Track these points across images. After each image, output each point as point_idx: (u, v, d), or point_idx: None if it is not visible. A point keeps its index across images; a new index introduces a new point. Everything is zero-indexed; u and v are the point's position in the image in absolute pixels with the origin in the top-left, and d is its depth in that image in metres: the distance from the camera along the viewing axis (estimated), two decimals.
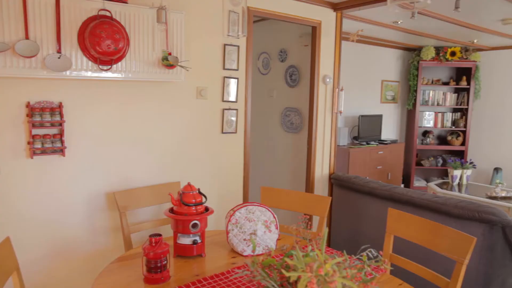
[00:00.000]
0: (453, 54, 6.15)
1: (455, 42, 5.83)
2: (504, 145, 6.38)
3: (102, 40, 2.16)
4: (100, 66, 2.27)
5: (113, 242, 2.58)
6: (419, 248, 2.48)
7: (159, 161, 2.73)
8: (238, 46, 3.02)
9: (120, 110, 2.51)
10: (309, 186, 3.74)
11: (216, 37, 2.90)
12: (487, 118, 6.57)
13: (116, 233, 2.58)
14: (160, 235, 1.70)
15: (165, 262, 1.68)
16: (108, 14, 2.26)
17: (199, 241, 1.93)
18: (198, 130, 2.91)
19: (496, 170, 6.19)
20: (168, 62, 2.50)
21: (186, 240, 1.92)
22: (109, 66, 2.29)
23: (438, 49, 6.20)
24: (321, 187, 3.81)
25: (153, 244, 1.65)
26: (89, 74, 2.26)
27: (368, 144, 5.54)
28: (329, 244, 3.88)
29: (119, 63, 2.35)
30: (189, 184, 2.00)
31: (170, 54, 2.54)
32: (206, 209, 2.01)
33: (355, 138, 5.70)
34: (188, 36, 2.74)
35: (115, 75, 2.36)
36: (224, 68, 2.97)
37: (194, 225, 1.90)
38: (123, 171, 2.57)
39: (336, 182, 3.67)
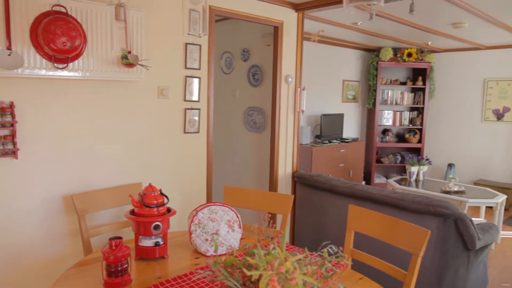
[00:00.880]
0: (409, 55, 6.40)
1: (411, 43, 6.07)
2: (457, 142, 6.72)
3: (57, 37, 2.07)
4: (55, 65, 2.18)
5: (72, 247, 2.49)
6: (379, 243, 2.57)
7: (119, 162, 2.66)
8: (200, 45, 3.00)
9: (78, 110, 2.43)
10: (272, 185, 3.77)
11: (177, 36, 2.86)
12: (441, 116, 6.89)
13: (75, 237, 2.49)
14: (120, 238, 1.66)
15: (126, 265, 1.64)
16: (63, 10, 2.17)
17: (161, 242, 1.90)
18: (160, 130, 2.86)
19: (450, 166, 6.50)
20: (128, 61, 2.44)
21: (148, 242, 1.88)
22: (65, 65, 2.21)
23: (395, 50, 6.43)
24: (284, 185, 3.85)
25: (113, 248, 1.61)
26: (44, 72, 2.16)
27: (330, 142, 5.66)
28: (293, 242, 3.93)
29: (76, 62, 2.27)
30: (150, 185, 1.96)
31: (130, 52, 2.48)
32: (168, 210, 1.98)
33: (317, 136, 5.81)
34: (149, 34, 2.69)
35: (72, 74, 2.28)
36: (186, 68, 2.94)
37: (156, 227, 1.87)
38: (81, 173, 2.49)
39: (299, 180, 3.73)
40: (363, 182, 6.61)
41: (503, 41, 5.60)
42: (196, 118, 3.06)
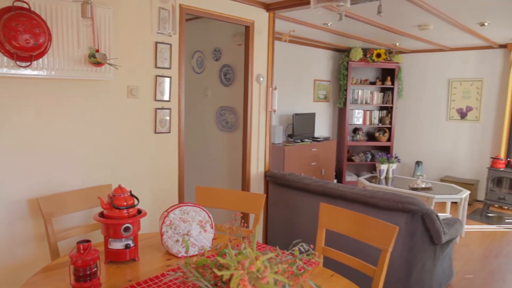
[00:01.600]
0: (378, 55, 6.55)
1: (380, 44, 6.21)
2: (424, 140, 6.93)
3: (19, 34, 2.00)
4: (18, 63, 2.10)
5: (38, 252, 2.41)
6: (351, 240, 2.62)
7: (88, 163, 2.59)
8: (170, 44, 2.96)
9: (43, 110, 2.35)
10: (245, 185, 3.78)
11: (147, 34, 2.81)
12: (409, 115, 7.09)
13: (41, 242, 2.41)
14: (89, 241, 1.61)
15: (95, 269, 1.60)
16: (25, 6, 2.10)
17: (132, 245, 1.86)
18: (130, 130, 2.81)
19: (418, 163, 6.71)
20: (95, 59, 2.38)
21: (118, 245, 1.84)
22: (29, 63, 2.13)
23: (365, 51, 6.57)
24: (257, 185, 3.86)
25: (81, 251, 1.57)
26: (5, 71, 2.08)
27: (302, 141, 5.72)
28: (266, 241, 3.95)
29: (41, 60, 2.19)
30: (119, 187, 1.92)
31: (97, 51, 2.42)
32: (139, 211, 1.94)
33: (289, 136, 5.85)
34: (117, 33, 2.63)
35: (36, 72, 2.20)
36: (156, 67, 2.90)
37: (126, 229, 1.83)
38: (47, 175, 2.41)
39: (271, 179, 3.75)
40: (335, 181, 6.71)
41: (466, 43, 5.83)
42: (167, 118, 3.02)
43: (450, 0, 3.42)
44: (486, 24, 4.34)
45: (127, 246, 1.84)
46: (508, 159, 5.49)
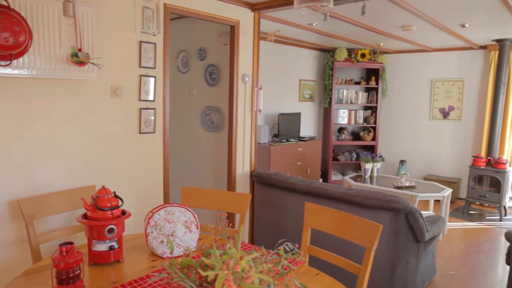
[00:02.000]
0: (363, 56, 6.61)
1: (364, 44, 6.27)
2: (408, 139, 7.03)
3: None
4: None
5: (20, 255, 2.36)
6: (337, 239, 2.64)
7: (71, 164, 2.55)
8: (154, 44, 2.94)
9: (24, 110, 2.30)
10: (230, 184, 3.77)
11: (131, 33, 2.78)
12: (393, 115, 7.19)
13: (23, 244, 2.36)
14: (72, 243, 1.59)
15: (78, 271, 1.58)
16: (4, 3, 2.05)
17: (116, 246, 1.84)
18: (114, 131, 2.78)
19: (402, 162, 6.80)
20: (78, 58, 2.35)
21: (101, 247, 1.82)
22: (8, 62, 2.08)
23: (350, 51, 6.63)
24: (242, 185, 3.86)
25: (64, 254, 1.54)
26: None
27: (288, 141, 5.74)
28: (252, 241, 3.95)
29: (21, 59, 2.15)
30: (103, 188, 1.90)
31: (80, 50, 2.39)
32: (123, 212, 1.92)
33: (275, 135, 5.87)
34: (101, 32, 2.60)
35: (17, 71, 2.15)
36: (140, 66, 2.87)
37: (110, 230, 1.81)
38: (28, 177, 2.36)
39: (257, 179, 3.75)
40: (321, 180, 6.76)
41: (447, 44, 5.93)
42: (152, 118, 2.99)
43: (432, 1, 3.47)
44: (466, 25, 4.43)
45: (111, 248, 1.82)
46: (489, 158, 5.61)
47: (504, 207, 5.54)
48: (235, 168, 3.76)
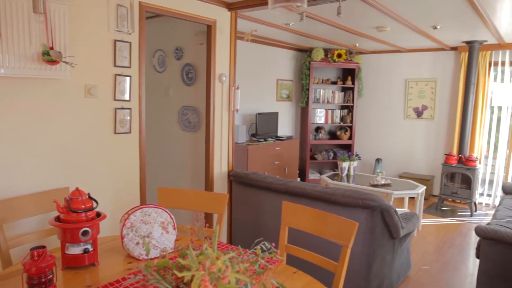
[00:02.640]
0: (339, 56, 6.70)
1: (340, 45, 6.36)
2: (383, 138, 7.17)
3: None
4: None
5: None
6: (315, 237, 2.66)
7: (43, 166, 2.48)
8: (130, 43, 2.89)
9: None
10: (208, 185, 3.75)
11: (105, 32, 2.73)
12: (369, 114, 7.31)
13: None
14: (44, 247, 1.55)
15: (51, 276, 1.54)
16: None
17: (90, 249, 1.80)
18: (88, 131, 2.72)
19: (378, 160, 6.92)
20: (49, 57, 2.29)
21: (75, 250, 1.78)
22: None
23: (326, 51, 6.70)
24: (220, 184, 3.85)
25: (35, 258, 1.50)
26: None
27: (265, 140, 5.76)
28: (230, 241, 3.95)
29: None
30: (77, 189, 1.85)
31: (52, 48, 2.32)
32: (98, 214, 1.89)
33: (253, 135, 5.88)
34: (74, 30, 2.53)
35: None
36: (115, 66, 2.82)
37: (85, 233, 1.77)
38: None
39: (235, 179, 3.75)
40: (298, 179, 6.81)
41: (421, 45, 6.08)
42: (128, 118, 2.95)
43: (405, 3, 3.55)
44: (438, 27, 4.55)
45: (85, 251, 1.78)
46: (460, 155, 5.78)
47: (475, 203, 5.73)
48: (212, 168, 3.75)
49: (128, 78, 2.91)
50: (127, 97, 2.92)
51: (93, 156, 2.76)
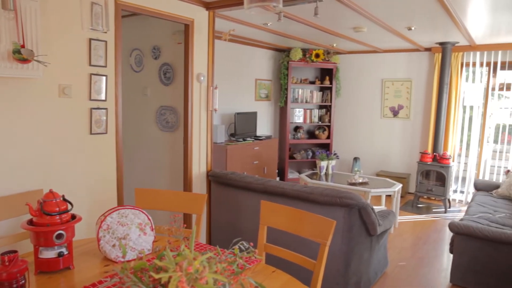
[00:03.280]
0: (317, 56, 6.76)
1: (318, 45, 6.41)
2: (361, 137, 7.28)
3: None
4: None
5: None
6: (294, 236, 2.68)
7: (15, 168, 2.41)
8: (105, 41, 2.84)
9: None
10: (187, 185, 3.72)
11: (79, 30, 2.67)
12: (346, 113, 7.41)
13: None
14: (15, 251, 1.50)
15: (23, 281, 1.50)
16: None
17: (65, 252, 1.76)
18: (63, 132, 2.65)
19: (355, 159, 7.02)
20: (21, 56, 2.22)
21: (50, 254, 1.73)
22: None
23: (304, 51, 6.75)
24: (199, 185, 3.83)
25: (6, 263, 1.45)
26: None
27: (244, 140, 5.76)
28: (210, 241, 3.93)
29: None
30: (51, 192, 1.81)
31: (23, 46, 2.26)
32: (73, 217, 1.84)
33: (232, 135, 5.87)
34: (46, 27, 2.47)
35: None
36: (90, 65, 2.76)
37: (59, 236, 1.73)
38: None
39: (213, 179, 3.73)
40: (277, 178, 6.84)
41: (396, 45, 6.20)
42: (104, 118, 2.90)
43: (380, 4, 3.62)
44: (413, 28, 4.65)
45: (60, 254, 1.74)
46: (435, 154, 5.93)
47: (448, 200, 5.89)
48: (191, 168, 3.72)
49: (104, 78, 2.86)
50: (103, 97, 2.87)
51: (68, 157, 2.70)
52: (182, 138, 3.83)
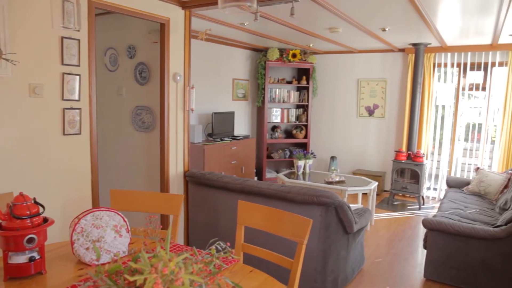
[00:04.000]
0: (294, 56, 6.81)
1: (295, 45, 6.46)
2: (337, 136, 7.38)
3: None
4: None
5: None
6: (273, 235, 2.69)
7: None
8: (78, 40, 2.78)
9: None
10: (164, 186, 3.68)
11: (51, 28, 2.60)
12: (323, 113, 7.49)
13: None
14: None
15: None
16: None
17: (37, 257, 1.71)
18: (34, 133, 2.58)
19: (332, 158, 7.11)
20: None
21: (20, 259, 1.68)
22: None
23: (281, 51, 6.78)
24: (176, 185, 3.79)
25: None
26: None
27: (222, 140, 5.74)
28: (187, 242, 3.90)
29: None
30: (21, 194, 1.75)
31: None
32: (45, 220, 1.79)
33: (209, 135, 5.84)
34: (15, 25, 2.39)
35: None
36: (63, 64, 2.70)
37: (30, 240, 1.68)
38: None
39: (191, 179, 3.70)
40: (255, 178, 6.85)
41: (371, 46, 6.31)
42: (77, 118, 2.83)
43: (355, 5, 3.67)
44: (387, 29, 4.74)
45: (31, 259, 1.69)
46: (409, 152, 6.06)
47: (422, 197, 6.04)
48: (168, 168, 3.68)
49: (77, 77, 2.79)
50: (76, 97, 2.81)
51: (39, 159, 2.63)
52: (158, 138, 3.78)
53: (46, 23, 2.57)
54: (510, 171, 4.76)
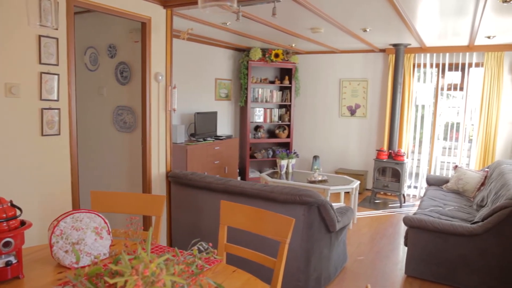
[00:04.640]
0: (276, 55, 6.83)
1: (277, 45, 6.48)
2: (320, 136, 7.43)
3: None
4: None
5: None
6: (256, 235, 2.69)
7: None
8: (57, 39, 2.72)
9: None
10: (146, 187, 3.64)
11: (26, 26, 2.54)
12: (306, 113, 7.54)
13: None
14: None
15: None
16: None
17: (14, 261, 1.67)
18: (10, 134, 2.52)
19: (315, 157, 7.16)
20: None
21: None
22: None
23: (264, 51, 6.79)
24: (158, 186, 3.76)
25: None
26: None
27: (205, 140, 5.72)
28: (171, 243, 3.87)
29: None
30: None
31: None
32: (23, 223, 1.75)
33: (192, 135, 5.81)
34: None
35: None
36: (40, 63, 2.64)
37: (7, 244, 1.64)
38: None
39: (173, 180, 3.68)
40: (239, 178, 6.84)
41: (353, 46, 6.38)
42: (56, 119, 2.78)
43: (337, 6, 3.71)
44: (367, 30, 4.80)
45: (8, 263, 1.65)
46: (390, 151, 6.16)
47: (403, 195, 6.14)
48: (150, 169, 3.64)
49: (56, 77, 2.74)
50: (55, 97, 2.75)
51: (16, 160, 2.57)
52: (140, 138, 3.74)
53: (22, 21, 2.51)
54: (486, 169, 4.88)
